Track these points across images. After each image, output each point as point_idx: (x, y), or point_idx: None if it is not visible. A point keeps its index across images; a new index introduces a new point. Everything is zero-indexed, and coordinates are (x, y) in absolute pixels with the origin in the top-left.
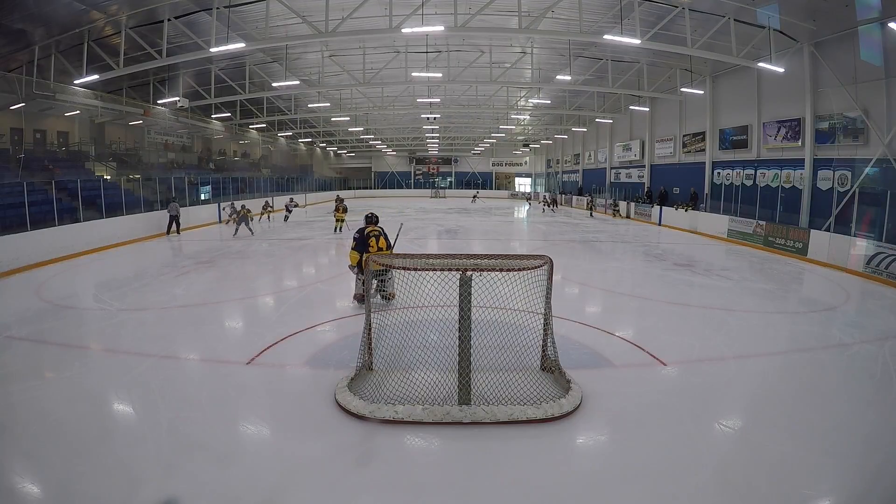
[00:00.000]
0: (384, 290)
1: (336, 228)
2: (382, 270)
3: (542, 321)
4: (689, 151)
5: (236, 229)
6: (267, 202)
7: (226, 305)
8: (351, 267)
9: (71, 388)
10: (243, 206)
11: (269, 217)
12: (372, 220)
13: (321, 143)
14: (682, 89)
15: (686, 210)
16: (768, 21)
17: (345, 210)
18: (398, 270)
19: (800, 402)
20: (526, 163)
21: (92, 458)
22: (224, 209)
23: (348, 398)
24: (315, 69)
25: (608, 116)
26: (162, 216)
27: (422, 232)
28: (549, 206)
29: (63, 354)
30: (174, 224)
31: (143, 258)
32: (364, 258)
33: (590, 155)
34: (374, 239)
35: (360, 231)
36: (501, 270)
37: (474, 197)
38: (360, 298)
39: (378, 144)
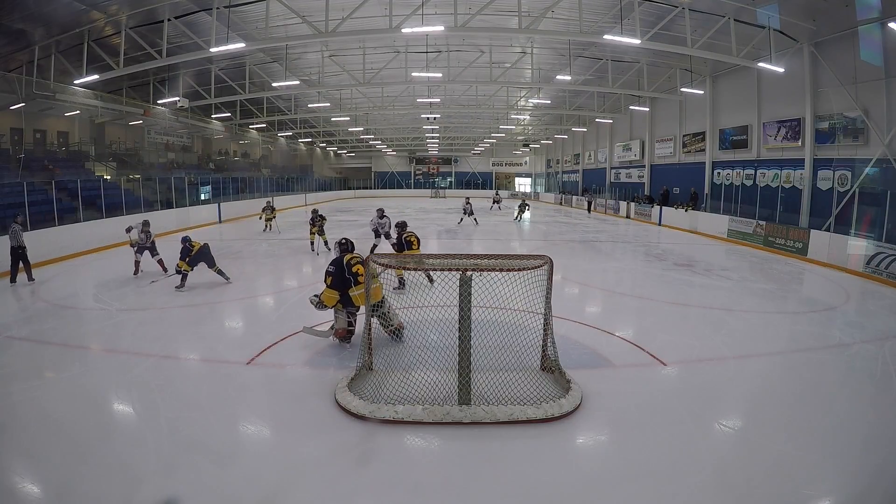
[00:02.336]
0: (390, 326)
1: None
2: (378, 304)
3: (542, 321)
4: (689, 151)
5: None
6: (270, 205)
7: (226, 305)
8: (321, 305)
9: (71, 388)
10: (187, 238)
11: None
12: (348, 247)
13: (321, 143)
14: (682, 89)
15: (686, 210)
16: (768, 21)
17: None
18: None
19: (800, 402)
20: (526, 163)
21: (92, 458)
22: (133, 231)
23: (348, 398)
24: (315, 69)
25: (608, 116)
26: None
27: (422, 232)
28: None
29: (63, 354)
30: (20, 261)
31: None
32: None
33: (590, 155)
34: (360, 265)
35: (337, 263)
36: (501, 270)
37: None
38: (344, 335)
39: (378, 144)
